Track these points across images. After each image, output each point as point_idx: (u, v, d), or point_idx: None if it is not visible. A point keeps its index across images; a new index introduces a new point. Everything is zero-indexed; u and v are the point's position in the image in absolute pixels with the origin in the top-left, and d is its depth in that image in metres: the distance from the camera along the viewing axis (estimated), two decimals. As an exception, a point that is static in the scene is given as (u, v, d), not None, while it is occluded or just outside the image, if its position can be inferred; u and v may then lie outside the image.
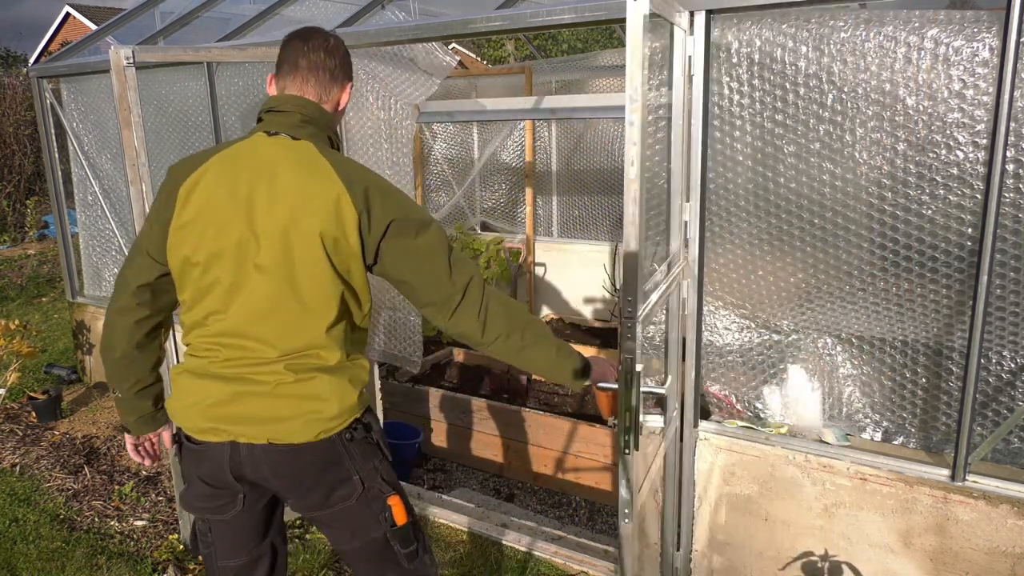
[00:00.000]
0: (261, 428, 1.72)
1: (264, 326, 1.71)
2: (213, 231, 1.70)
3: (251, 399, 1.72)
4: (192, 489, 1.85)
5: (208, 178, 1.72)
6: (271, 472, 1.76)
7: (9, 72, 15.88)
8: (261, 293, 1.70)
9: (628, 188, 1.76)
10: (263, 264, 1.68)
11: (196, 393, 1.76)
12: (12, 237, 10.68)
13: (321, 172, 1.69)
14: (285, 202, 1.68)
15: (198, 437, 1.78)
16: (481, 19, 2.92)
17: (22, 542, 3.36)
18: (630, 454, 1.84)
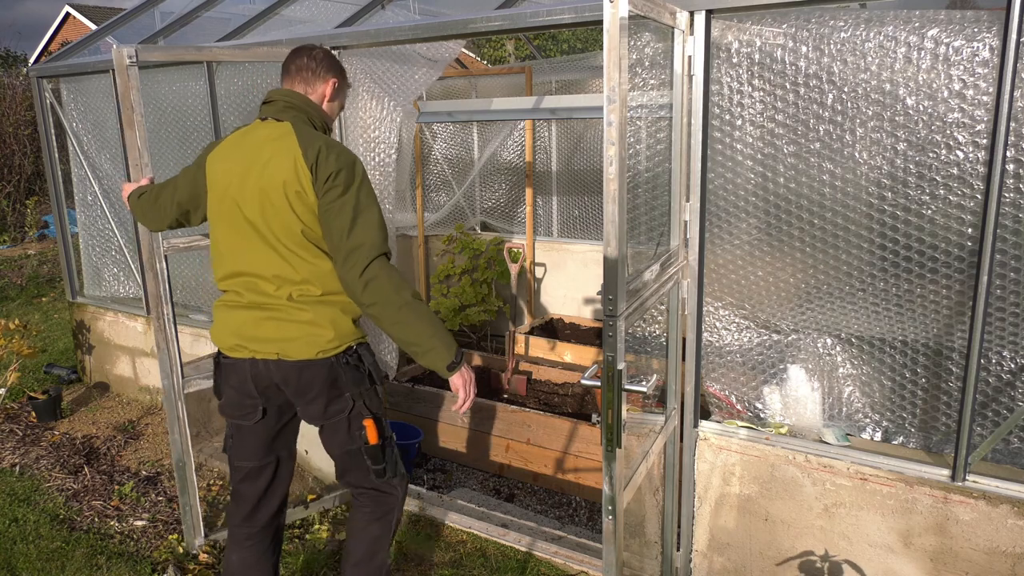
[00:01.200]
0: (272, 346, 2.23)
1: (262, 267, 2.21)
2: (218, 195, 2.26)
3: (266, 323, 2.23)
4: (225, 398, 2.37)
5: (218, 154, 2.29)
6: (282, 381, 2.26)
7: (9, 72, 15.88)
8: (254, 242, 2.21)
9: (607, 187, 1.83)
10: (251, 218, 2.20)
11: (228, 320, 2.29)
12: (12, 237, 10.68)
13: (288, 141, 2.18)
14: (262, 168, 2.17)
15: (229, 354, 2.31)
16: (481, 19, 2.92)
17: (22, 542, 3.35)
18: (612, 451, 1.92)
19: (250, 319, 2.24)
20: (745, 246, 2.60)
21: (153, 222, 2.58)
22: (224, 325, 2.30)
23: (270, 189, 2.15)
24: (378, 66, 3.44)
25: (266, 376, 2.26)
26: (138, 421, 4.57)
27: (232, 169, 2.23)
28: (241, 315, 2.26)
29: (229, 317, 2.29)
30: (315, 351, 2.21)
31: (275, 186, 2.14)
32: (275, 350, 2.22)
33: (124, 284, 5.01)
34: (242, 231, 2.22)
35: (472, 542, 3.27)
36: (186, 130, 4.20)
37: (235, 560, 2.45)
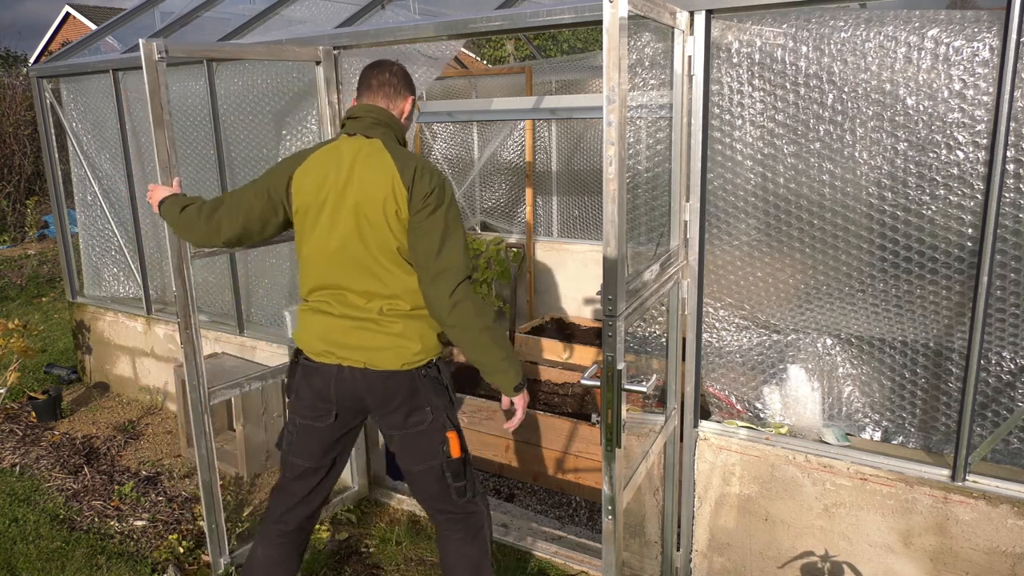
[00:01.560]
0: (361, 354, 2.28)
1: (353, 282, 2.27)
2: (310, 209, 2.28)
3: (356, 332, 2.28)
4: (302, 399, 2.38)
5: (307, 169, 2.30)
6: (366, 391, 2.30)
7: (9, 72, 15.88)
8: (346, 257, 2.25)
9: (607, 187, 1.83)
10: (346, 234, 2.24)
11: (317, 326, 2.33)
12: (12, 237, 10.68)
13: (383, 158, 2.23)
14: (359, 185, 2.22)
15: (315, 359, 2.33)
16: (481, 19, 2.92)
17: (22, 542, 3.35)
18: (612, 451, 1.92)
19: (340, 326, 2.29)
20: (745, 246, 2.60)
21: (201, 237, 2.46)
22: (311, 329, 2.34)
23: (367, 206, 2.20)
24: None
25: (351, 384, 2.30)
26: (138, 421, 4.57)
27: (325, 184, 2.25)
28: (331, 322, 2.31)
29: (318, 322, 2.33)
30: (401, 363, 2.27)
31: (373, 203, 2.20)
32: (363, 359, 2.28)
33: (124, 284, 5.01)
34: (334, 247, 2.25)
35: (472, 542, 3.27)
36: (187, 130, 4.21)
37: (260, 554, 2.46)
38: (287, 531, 2.46)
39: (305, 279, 2.36)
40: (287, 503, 2.45)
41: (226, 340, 4.17)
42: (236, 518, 3.44)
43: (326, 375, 2.32)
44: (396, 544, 3.27)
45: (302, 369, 2.39)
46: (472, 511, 2.41)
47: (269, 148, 3.84)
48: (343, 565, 3.16)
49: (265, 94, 3.77)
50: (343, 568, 3.14)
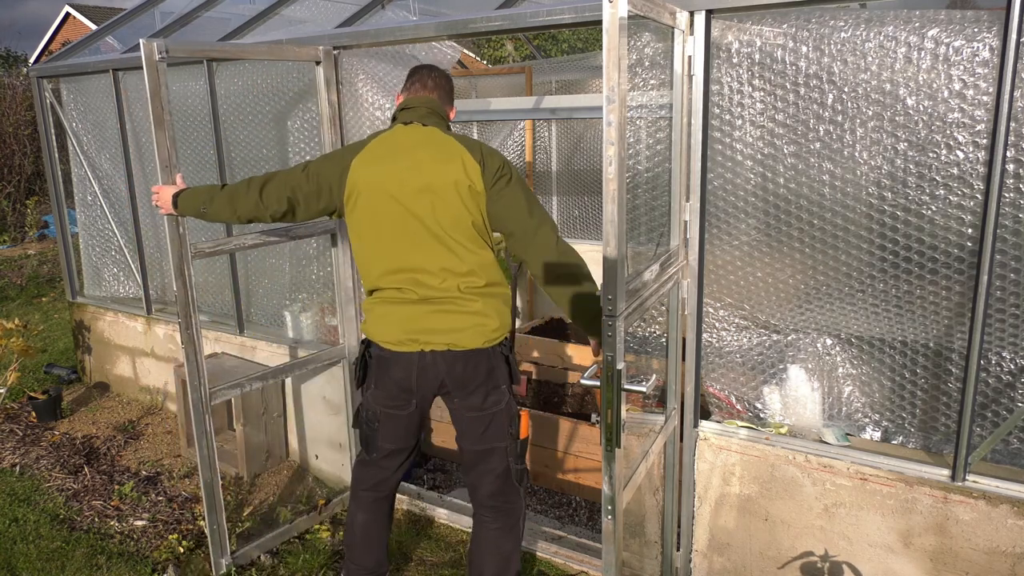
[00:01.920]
0: (443, 336, 2.34)
1: (429, 262, 2.33)
2: (373, 196, 2.33)
3: (437, 316, 2.35)
4: (383, 390, 2.46)
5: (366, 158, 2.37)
6: (447, 372, 2.38)
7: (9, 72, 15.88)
8: (420, 238, 2.33)
9: (607, 187, 1.83)
10: (419, 215, 2.31)
11: (394, 315, 2.38)
12: (12, 237, 10.68)
13: (448, 142, 2.37)
14: (430, 167, 2.32)
15: (395, 348, 2.38)
16: (481, 19, 2.92)
17: (22, 542, 3.36)
18: (612, 451, 1.92)
19: (419, 312, 2.36)
20: (745, 246, 2.60)
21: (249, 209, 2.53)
22: (389, 319, 2.39)
23: (440, 187, 2.31)
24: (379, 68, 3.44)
25: (432, 369, 2.38)
26: (138, 421, 4.57)
27: (388, 171, 2.34)
28: (409, 309, 2.37)
29: (394, 311, 2.39)
30: (483, 340, 2.37)
31: (446, 183, 2.31)
32: (446, 341, 2.36)
33: (124, 284, 5.01)
34: (406, 229, 2.33)
35: (472, 542, 3.27)
36: (187, 130, 4.21)
37: (360, 519, 2.66)
38: (380, 497, 2.65)
39: (372, 266, 2.40)
40: (379, 476, 2.62)
41: (226, 340, 4.17)
42: (236, 518, 3.44)
43: (407, 364, 2.39)
44: (396, 544, 3.27)
45: (377, 361, 2.45)
46: (516, 503, 2.54)
47: (269, 148, 3.84)
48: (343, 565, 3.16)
49: (265, 94, 3.77)
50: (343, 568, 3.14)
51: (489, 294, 2.39)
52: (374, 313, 2.44)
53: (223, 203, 2.57)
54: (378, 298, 2.43)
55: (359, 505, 2.66)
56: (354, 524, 2.68)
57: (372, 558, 2.71)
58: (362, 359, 2.52)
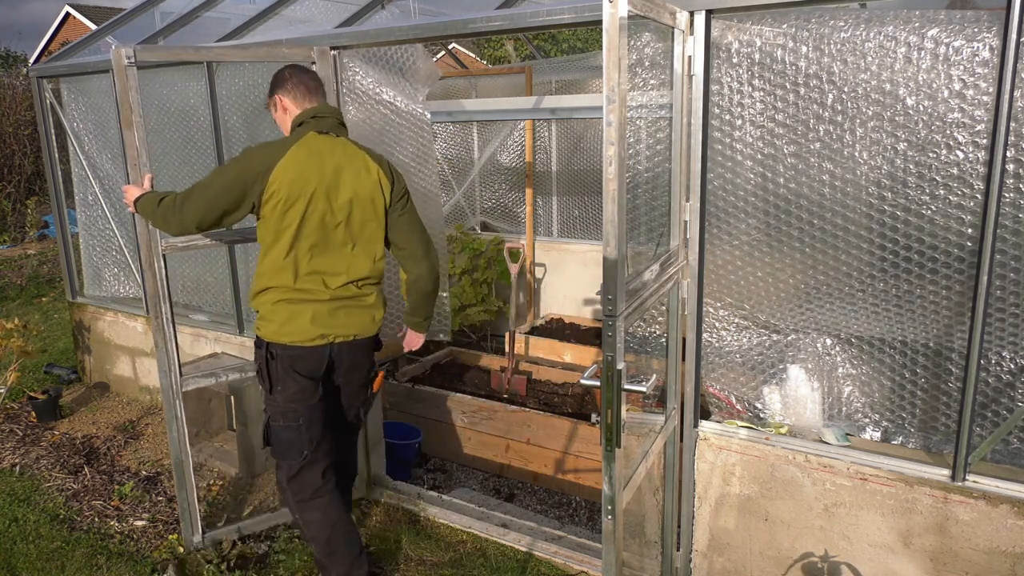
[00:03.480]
0: (349, 330, 2.62)
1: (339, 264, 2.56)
2: (296, 202, 2.46)
3: (343, 311, 2.60)
4: (293, 388, 2.60)
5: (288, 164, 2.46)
6: (349, 357, 2.67)
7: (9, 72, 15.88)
8: (336, 243, 2.54)
9: (607, 187, 1.84)
10: (338, 223, 2.52)
11: (303, 315, 2.55)
12: (12, 237, 10.67)
13: (361, 155, 2.57)
14: (352, 179, 2.52)
15: (308, 344, 2.55)
16: (481, 19, 2.92)
17: (22, 542, 3.36)
18: (612, 451, 1.92)
19: (327, 310, 2.57)
20: (745, 246, 2.60)
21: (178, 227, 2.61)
22: (299, 319, 2.56)
23: (361, 199, 2.54)
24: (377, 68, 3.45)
25: (338, 356, 2.64)
26: (138, 421, 4.57)
27: (311, 179, 2.47)
28: (317, 307, 2.56)
29: (304, 311, 2.56)
30: (376, 328, 2.72)
31: (366, 196, 2.55)
32: (352, 333, 2.63)
33: (124, 284, 5.01)
34: (323, 234, 2.52)
35: (472, 542, 3.27)
36: (188, 130, 4.20)
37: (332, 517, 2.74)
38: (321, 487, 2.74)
39: (284, 267, 2.52)
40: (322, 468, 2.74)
41: (226, 340, 4.17)
42: (236, 518, 3.44)
43: (319, 357, 2.60)
44: (396, 544, 3.27)
45: (286, 360, 2.58)
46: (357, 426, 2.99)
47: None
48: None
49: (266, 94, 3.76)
50: (343, 568, 3.14)
51: (378, 290, 2.71)
52: (279, 314, 2.56)
53: (160, 220, 2.67)
54: (283, 299, 2.55)
55: (317, 508, 2.71)
56: (321, 528, 2.71)
57: (354, 547, 2.77)
58: (265, 364, 2.60)
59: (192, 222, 2.55)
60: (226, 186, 2.50)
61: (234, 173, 2.50)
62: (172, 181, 4.39)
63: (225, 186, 2.50)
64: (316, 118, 2.56)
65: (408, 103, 3.46)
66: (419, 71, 3.48)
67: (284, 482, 2.72)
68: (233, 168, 2.51)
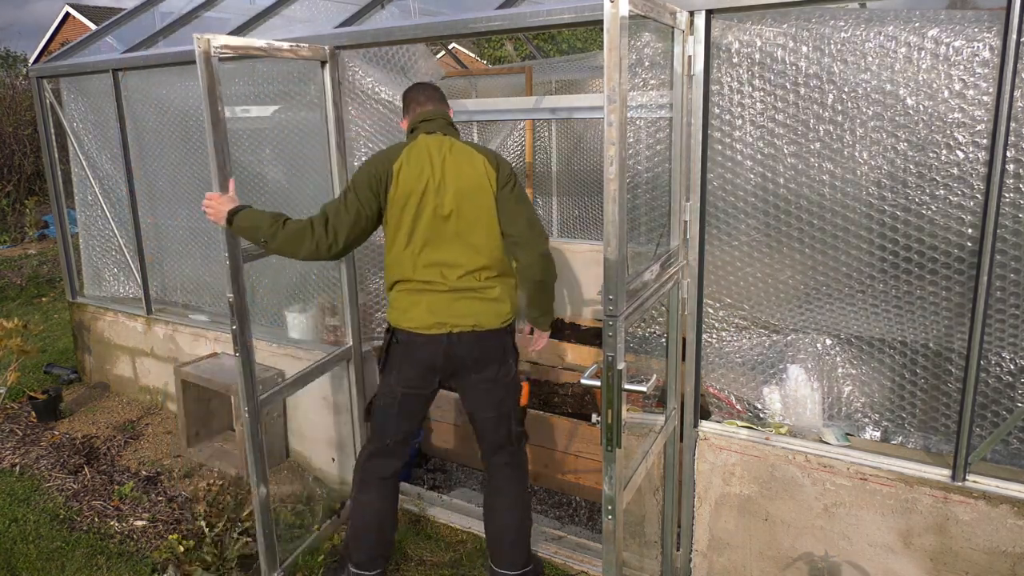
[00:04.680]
0: (468, 320, 2.66)
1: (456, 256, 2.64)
2: (411, 199, 2.59)
3: (462, 302, 2.66)
4: (407, 373, 2.72)
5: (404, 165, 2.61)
6: (469, 350, 2.68)
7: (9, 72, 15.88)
8: (449, 235, 2.63)
9: (607, 187, 1.84)
10: (448, 215, 2.61)
11: (422, 304, 2.65)
12: (12, 237, 10.67)
13: (468, 149, 2.67)
14: (457, 173, 2.61)
15: (425, 332, 2.65)
16: (481, 19, 2.92)
17: (22, 542, 3.36)
18: (612, 451, 1.92)
19: (446, 300, 2.65)
20: (745, 246, 2.60)
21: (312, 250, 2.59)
22: (418, 308, 2.66)
23: (469, 191, 2.62)
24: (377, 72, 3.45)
25: (457, 347, 2.68)
26: (138, 421, 4.57)
27: (424, 176, 2.60)
28: (437, 298, 2.65)
29: (424, 299, 2.66)
30: (499, 321, 2.70)
31: (475, 188, 2.62)
32: (471, 323, 2.66)
33: (124, 284, 5.01)
34: (438, 227, 2.62)
35: (472, 542, 3.27)
36: (188, 130, 4.20)
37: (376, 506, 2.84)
38: (387, 478, 2.83)
39: (405, 261, 2.65)
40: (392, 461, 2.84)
41: (226, 340, 4.17)
42: (236, 518, 3.44)
43: (435, 345, 2.67)
44: (396, 544, 3.27)
45: (404, 346, 2.70)
46: (523, 456, 2.91)
47: (272, 148, 3.84)
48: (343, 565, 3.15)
49: (267, 95, 3.77)
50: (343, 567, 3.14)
51: (502, 283, 2.71)
52: (402, 302, 2.69)
53: (284, 242, 2.58)
54: (405, 289, 2.67)
55: (374, 492, 2.82)
56: (366, 511, 2.83)
57: (384, 545, 2.86)
58: (387, 346, 2.75)
59: (343, 243, 2.60)
60: (363, 198, 2.60)
61: (365, 183, 2.61)
62: (172, 181, 4.39)
63: (363, 198, 2.60)
64: (424, 121, 2.72)
65: None
66: (420, 70, 3.48)
67: (362, 461, 2.86)
68: (362, 179, 2.61)
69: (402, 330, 2.69)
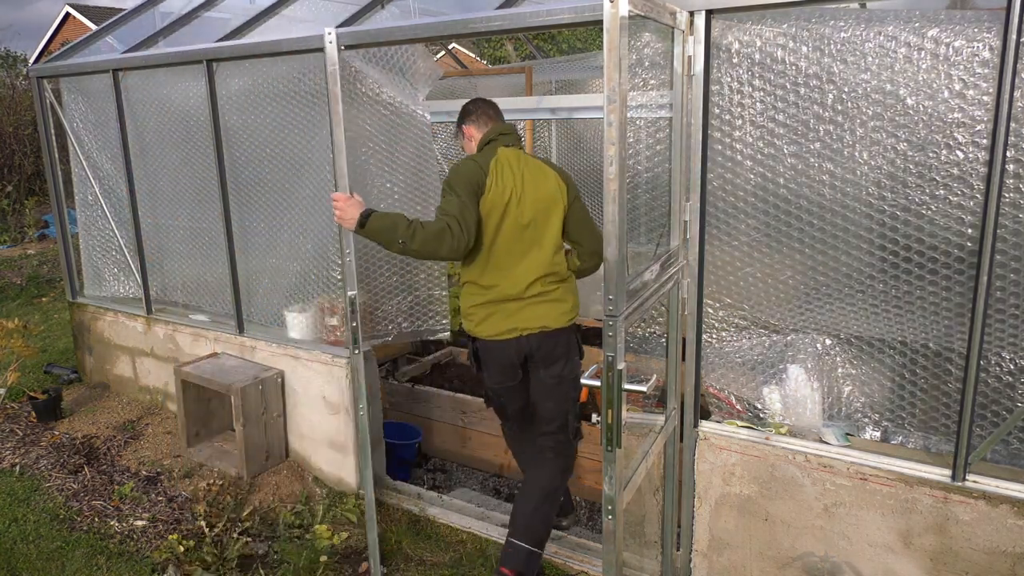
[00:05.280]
0: (536, 323, 2.83)
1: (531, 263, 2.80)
2: (500, 209, 2.76)
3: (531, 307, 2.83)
4: (494, 373, 2.95)
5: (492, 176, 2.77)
6: (537, 348, 2.86)
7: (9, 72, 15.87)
8: (527, 244, 2.80)
9: (608, 187, 1.84)
10: (529, 225, 2.79)
11: (498, 313, 2.83)
12: (12, 237, 10.67)
13: (540, 164, 2.87)
14: (535, 186, 2.80)
15: (500, 339, 2.84)
16: (481, 19, 2.92)
17: (22, 542, 3.36)
18: (612, 451, 1.92)
19: (518, 307, 2.82)
20: (745, 246, 2.60)
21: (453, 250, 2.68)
22: (494, 319, 2.84)
23: (546, 202, 2.80)
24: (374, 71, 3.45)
25: (527, 346, 2.85)
26: (138, 421, 4.57)
27: (507, 187, 2.76)
28: (511, 305, 2.81)
29: (499, 310, 2.83)
30: (565, 320, 2.87)
31: (549, 199, 2.81)
32: (539, 325, 2.82)
33: (124, 284, 5.01)
34: (519, 237, 2.79)
35: (472, 542, 3.27)
36: (189, 130, 4.20)
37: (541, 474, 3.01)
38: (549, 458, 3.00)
39: (487, 270, 2.81)
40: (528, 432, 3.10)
41: (226, 340, 4.17)
42: (236, 518, 3.44)
43: (509, 349, 2.86)
44: (396, 544, 3.27)
45: (485, 351, 2.91)
46: (572, 448, 3.05)
47: (272, 147, 3.84)
48: (343, 565, 3.16)
49: (267, 95, 3.77)
50: (343, 568, 3.14)
51: (563, 285, 2.89)
52: (477, 313, 2.87)
53: (424, 243, 2.63)
54: (481, 298, 2.84)
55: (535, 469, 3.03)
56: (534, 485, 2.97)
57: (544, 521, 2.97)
58: (473, 352, 2.98)
59: (473, 241, 2.73)
60: (471, 201, 2.72)
61: (468, 189, 2.72)
62: (173, 181, 4.39)
63: (471, 201, 2.72)
64: (502, 135, 2.88)
65: (408, 103, 3.46)
66: (419, 70, 3.48)
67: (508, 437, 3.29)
68: (464, 186, 2.72)
69: (480, 339, 2.89)
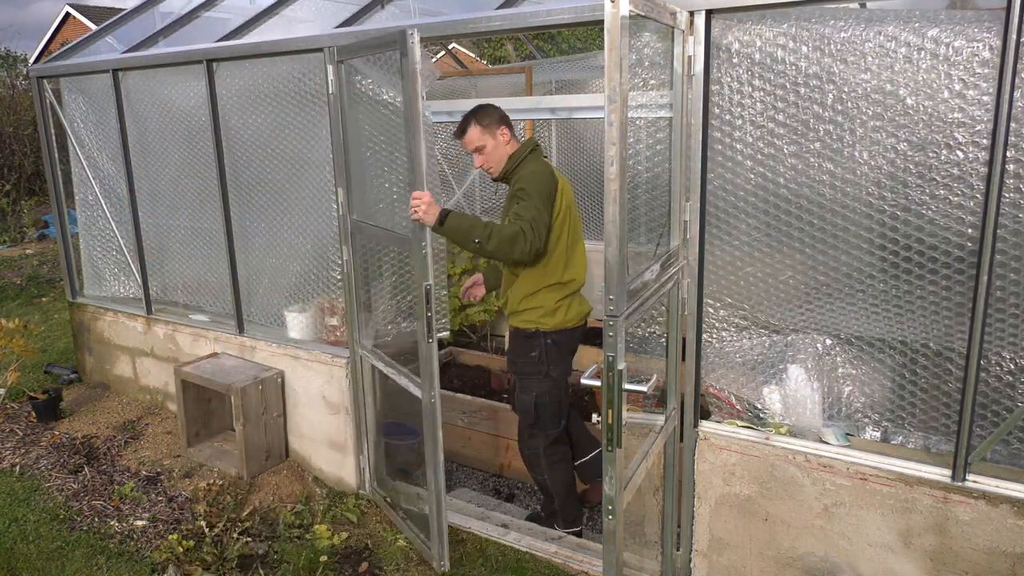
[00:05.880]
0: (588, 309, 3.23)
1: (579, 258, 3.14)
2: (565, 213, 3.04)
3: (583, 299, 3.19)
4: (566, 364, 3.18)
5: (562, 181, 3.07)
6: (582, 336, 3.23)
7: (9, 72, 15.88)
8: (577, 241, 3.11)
9: (608, 187, 1.84)
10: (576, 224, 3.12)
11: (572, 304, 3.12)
12: (12, 237, 10.67)
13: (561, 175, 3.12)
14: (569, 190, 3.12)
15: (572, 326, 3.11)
16: (481, 19, 2.92)
17: (22, 542, 3.36)
18: (612, 451, 1.92)
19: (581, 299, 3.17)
20: (745, 246, 2.60)
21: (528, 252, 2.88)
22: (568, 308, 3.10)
23: (575, 205, 3.13)
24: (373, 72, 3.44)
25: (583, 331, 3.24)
26: (138, 421, 4.56)
27: (568, 191, 3.08)
28: (578, 297, 3.15)
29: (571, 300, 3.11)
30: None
31: (575, 203, 3.14)
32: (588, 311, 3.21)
33: (124, 284, 5.01)
34: (575, 236, 3.09)
35: (472, 542, 3.27)
36: (189, 130, 4.20)
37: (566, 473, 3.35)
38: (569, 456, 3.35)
39: (565, 266, 3.06)
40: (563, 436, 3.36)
41: (226, 340, 4.17)
42: (236, 518, 3.44)
43: (578, 332, 3.17)
44: (396, 544, 3.27)
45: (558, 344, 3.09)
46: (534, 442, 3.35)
47: (272, 148, 3.84)
48: (343, 565, 3.16)
49: (267, 95, 3.77)
50: (343, 568, 3.14)
51: None
52: (561, 308, 3.08)
53: (500, 244, 2.80)
54: (565, 292, 3.07)
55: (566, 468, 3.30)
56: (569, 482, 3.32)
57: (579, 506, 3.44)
58: (543, 350, 3.09)
59: (542, 246, 2.95)
60: (546, 209, 2.92)
61: (545, 196, 2.92)
62: (173, 181, 4.39)
63: (546, 209, 2.92)
64: (539, 146, 3.12)
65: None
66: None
67: (541, 449, 3.24)
68: (543, 192, 2.91)
69: (554, 331, 3.07)
